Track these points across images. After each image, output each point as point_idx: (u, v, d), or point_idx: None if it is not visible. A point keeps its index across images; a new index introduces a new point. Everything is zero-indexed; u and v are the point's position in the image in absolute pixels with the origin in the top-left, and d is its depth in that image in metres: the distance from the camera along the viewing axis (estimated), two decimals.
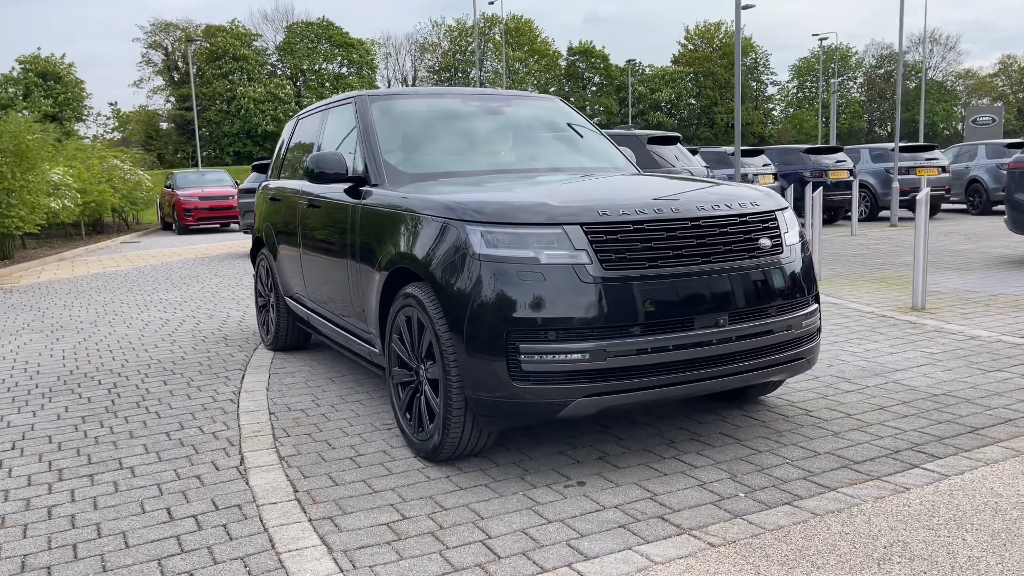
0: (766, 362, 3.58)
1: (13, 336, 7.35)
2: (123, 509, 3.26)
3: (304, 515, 3.13)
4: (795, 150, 17.43)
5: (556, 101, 5.37)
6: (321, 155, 4.38)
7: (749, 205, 3.66)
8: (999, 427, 3.87)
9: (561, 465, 3.59)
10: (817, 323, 3.88)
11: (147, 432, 4.27)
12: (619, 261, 3.27)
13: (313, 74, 63.68)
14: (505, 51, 63.40)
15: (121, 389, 5.22)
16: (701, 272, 3.39)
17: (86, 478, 3.64)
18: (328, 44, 63.97)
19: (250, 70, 60.87)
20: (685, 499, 3.18)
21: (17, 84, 60.22)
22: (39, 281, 12.03)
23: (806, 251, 3.92)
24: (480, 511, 3.13)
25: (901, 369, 4.99)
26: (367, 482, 3.46)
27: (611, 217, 3.31)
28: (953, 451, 3.58)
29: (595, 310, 3.21)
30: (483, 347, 3.23)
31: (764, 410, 4.29)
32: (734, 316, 3.45)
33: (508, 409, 3.26)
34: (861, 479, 3.31)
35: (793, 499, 3.14)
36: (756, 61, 79.01)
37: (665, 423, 4.12)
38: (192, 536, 2.98)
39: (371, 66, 65.94)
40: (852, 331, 6.16)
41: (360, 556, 2.78)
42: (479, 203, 3.43)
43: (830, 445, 3.72)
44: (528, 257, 3.23)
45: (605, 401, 3.26)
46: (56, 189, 17.32)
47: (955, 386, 4.58)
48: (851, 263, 10.47)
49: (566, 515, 3.06)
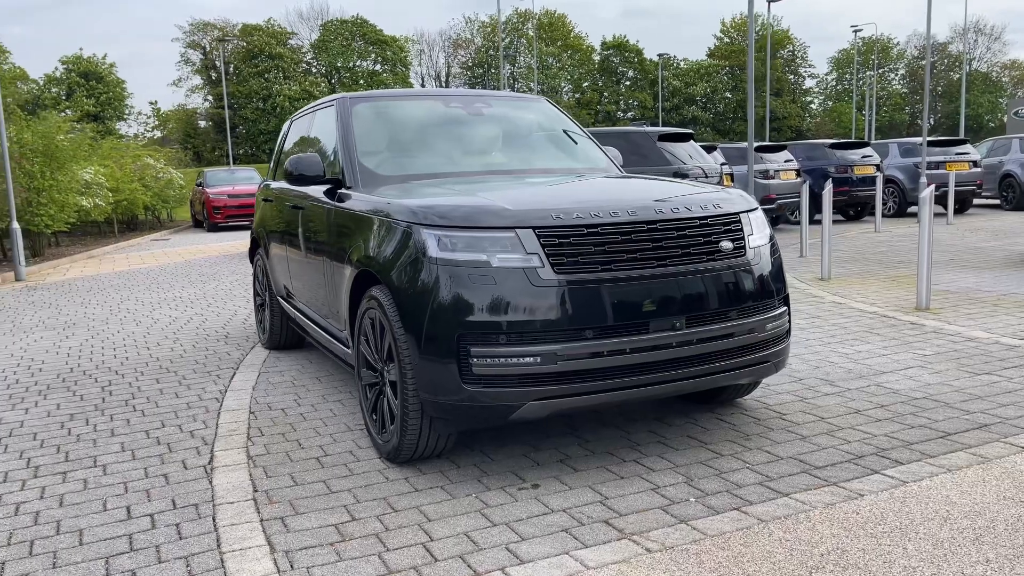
0: (727, 366, 3.55)
1: (26, 333, 7.56)
2: (86, 507, 3.35)
3: (257, 515, 3.19)
4: (820, 145, 17.17)
5: (542, 102, 5.37)
6: (298, 157, 4.44)
7: (712, 207, 3.63)
8: (972, 432, 3.80)
9: (520, 467, 3.60)
10: (785, 326, 3.84)
11: (128, 430, 4.37)
12: (571, 264, 3.27)
13: (347, 72, 64.16)
14: (536, 46, 63.30)
15: (114, 387, 5.34)
16: (657, 275, 3.37)
17: (59, 475, 3.74)
18: (362, 42, 64.42)
19: (285, 68, 61.54)
20: (634, 503, 3.17)
21: (60, 84, 61.59)
22: (64, 279, 12.33)
23: (775, 253, 3.87)
24: (429, 513, 3.15)
25: (888, 372, 4.91)
26: (327, 483, 3.51)
27: (564, 220, 3.31)
28: (918, 457, 3.52)
29: (546, 314, 3.22)
30: (436, 350, 3.26)
31: (737, 412, 4.26)
32: (692, 319, 3.43)
33: (460, 412, 3.29)
34: (817, 485, 3.28)
35: (743, 504, 3.12)
36: (793, 53, 77.85)
37: (634, 425, 4.11)
38: (144, 535, 3.06)
39: (404, 63, 66.26)
40: (849, 332, 6.07)
41: (300, 557, 2.82)
42: (434, 207, 3.46)
43: (795, 449, 3.69)
44: (480, 260, 3.25)
45: (556, 404, 3.27)
46: (88, 188, 17.72)
47: (938, 389, 4.50)
48: (868, 261, 10.30)
49: (512, 518, 3.08)
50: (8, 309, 9.27)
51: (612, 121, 69.81)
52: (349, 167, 4.37)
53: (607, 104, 71.99)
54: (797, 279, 8.92)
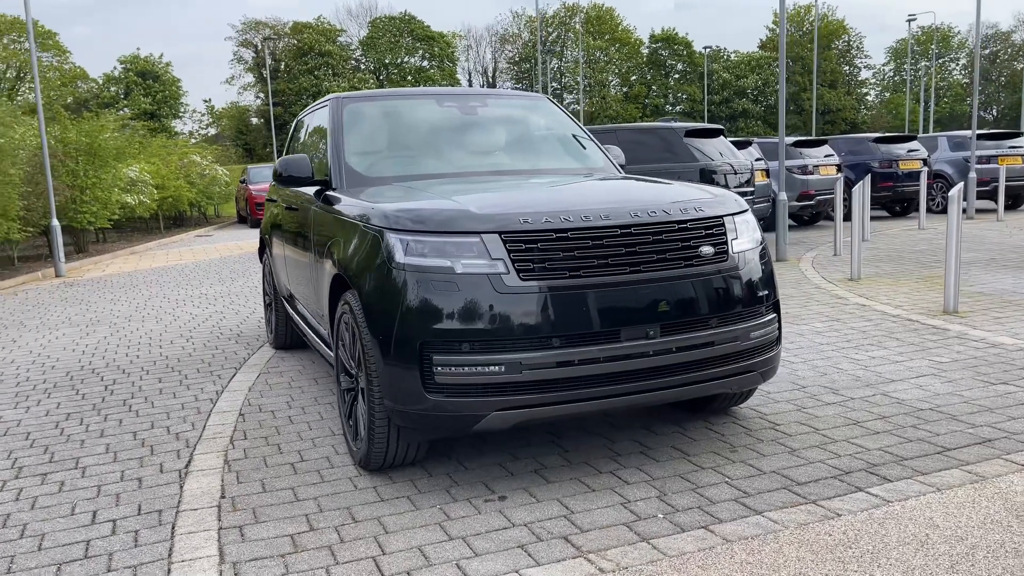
0: (708, 375, 3.41)
1: (50, 330, 7.72)
2: (56, 510, 3.36)
3: (217, 523, 3.16)
4: (864, 139, 16.65)
5: (542, 101, 5.25)
6: (287, 158, 4.42)
7: (693, 211, 3.48)
8: (972, 448, 3.59)
9: (493, 477, 3.51)
10: (774, 334, 3.67)
11: (118, 431, 4.40)
12: (538, 271, 3.17)
13: (395, 68, 64.60)
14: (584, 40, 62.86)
15: (117, 386, 5.40)
16: (629, 282, 3.25)
17: (39, 476, 3.77)
18: (410, 38, 64.78)
19: (335, 65, 62.24)
20: (599, 518, 3.06)
21: (119, 83, 63.21)
22: (102, 275, 12.60)
23: (764, 258, 3.71)
24: (388, 525, 3.09)
25: (898, 380, 4.69)
26: (295, 490, 3.47)
27: (532, 225, 3.21)
28: (909, 474, 3.34)
29: (510, 321, 3.12)
30: (399, 357, 3.19)
31: (729, 422, 4.10)
32: (668, 328, 3.30)
33: (424, 421, 3.21)
34: (795, 502, 3.12)
35: (712, 523, 2.99)
36: (849, 44, 75.99)
37: (619, 433, 3.98)
38: (102, 541, 3.05)
39: (452, 59, 66.45)
40: (866, 336, 5.84)
41: (247, 569, 2.78)
42: (403, 211, 3.38)
43: (780, 463, 3.53)
44: (444, 266, 3.17)
45: (522, 415, 3.17)
46: (133, 185, 18.12)
47: (947, 400, 4.28)
48: (904, 260, 9.94)
49: (471, 532, 2.99)
50: (41, 305, 9.50)
51: (660, 115, 69.03)
52: (336, 168, 4.33)
53: (655, 98, 71.22)
54: (825, 279, 8.64)
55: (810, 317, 6.63)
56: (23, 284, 11.71)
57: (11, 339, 7.33)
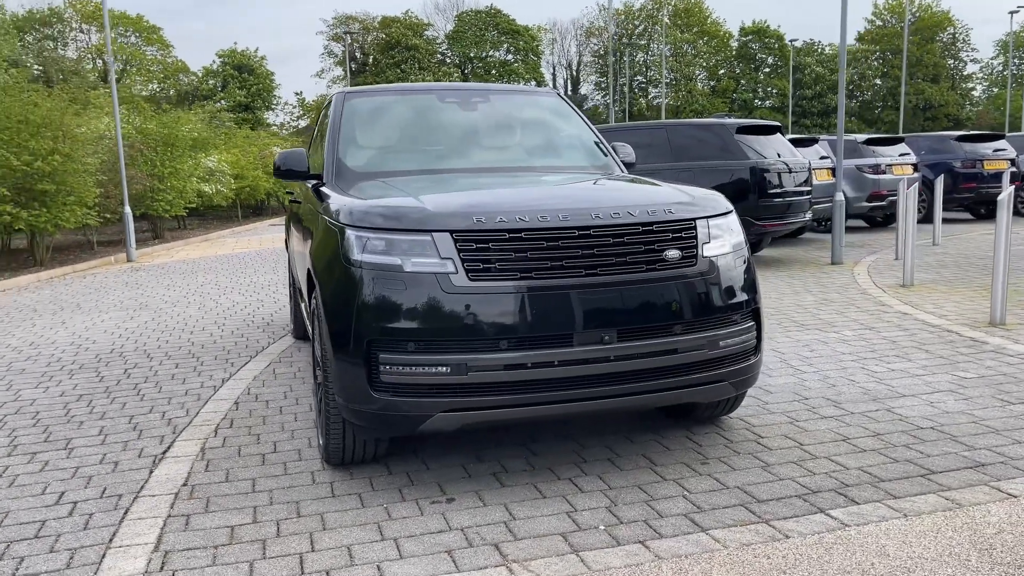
0: (670, 384, 3.28)
1: (100, 313, 8.07)
2: (29, 489, 3.50)
3: (169, 511, 3.22)
4: (946, 137, 15.80)
5: (550, 96, 5.15)
6: (285, 152, 4.47)
7: (661, 213, 3.36)
8: (960, 472, 3.35)
9: (450, 479, 3.47)
10: (750, 343, 3.51)
11: (117, 414, 4.55)
12: (488, 271, 3.11)
13: (480, 61, 64.93)
14: (670, 33, 61.79)
15: (136, 370, 5.59)
16: (585, 285, 3.15)
17: (29, 456, 3.93)
18: (495, 32, 64.98)
19: (420, 59, 62.95)
20: (538, 527, 2.99)
21: (216, 76, 65.65)
22: (168, 261, 13.12)
23: (742, 262, 3.54)
24: (328, 521, 3.09)
25: (910, 395, 4.42)
26: (255, 481, 3.51)
27: (485, 225, 3.15)
28: (881, 497, 3.14)
29: (457, 322, 3.08)
30: (348, 355, 3.18)
31: (712, 432, 3.95)
32: (625, 333, 3.19)
33: (372, 420, 3.19)
34: (748, 521, 2.98)
35: (651, 538, 2.88)
36: (954, 37, 72.31)
37: (594, 438, 3.88)
38: (56, 522, 3.15)
39: (536, 52, 66.33)
40: (896, 347, 5.54)
41: (175, 559, 2.82)
42: (362, 208, 3.37)
43: (747, 478, 3.37)
44: (393, 264, 3.14)
45: (468, 417, 3.13)
46: (211, 175, 18.80)
47: (953, 419, 4.01)
48: (970, 266, 9.39)
49: (405, 534, 2.97)
50: (102, 289, 9.95)
51: (748, 110, 67.34)
52: (328, 163, 4.36)
53: (743, 92, 69.46)
54: (875, 284, 8.25)
55: (843, 324, 6.33)
56: (95, 268, 12.29)
57: (61, 321, 7.70)
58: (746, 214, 9.39)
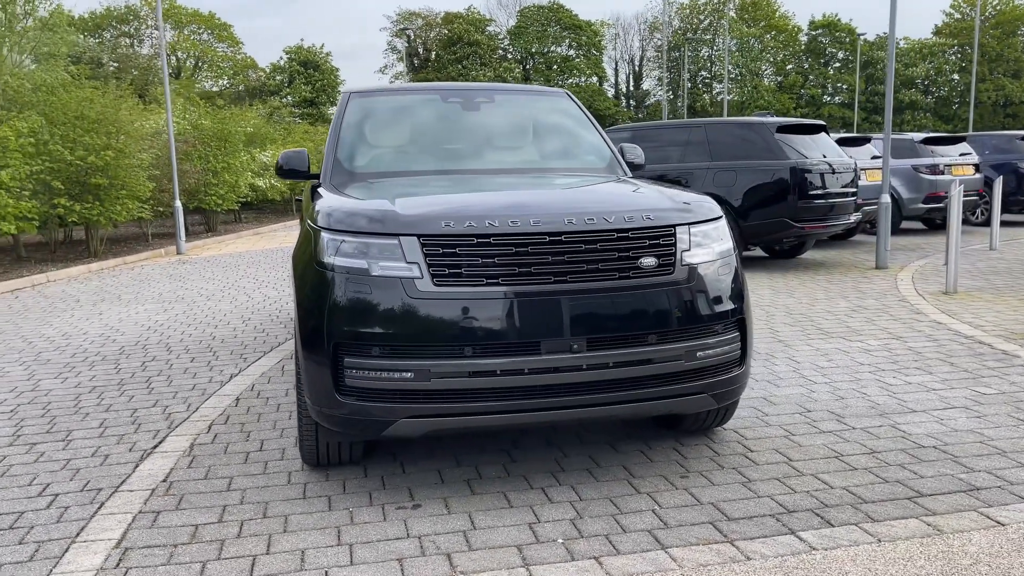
0: (643, 395, 3.19)
1: (137, 304, 8.30)
2: (18, 480, 3.60)
3: (142, 507, 3.27)
4: (1013, 137, 15.10)
5: (559, 97, 5.05)
6: (288, 152, 4.51)
7: (640, 219, 3.26)
8: (952, 496, 3.17)
9: (422, 484, 3.45)
10: (733, 354, 3.39)
11: (122, 407, 4.66)
12: (454, 276, 3.07)
13: (542, 57, 64.81)
14: (737, 27, 60.66)
15: (153, 363, 5.72)
16: (554, 292, 3.08)
17: (28, 446, 4.05)
18: (557, 26, 64.76)
19: (482, 55, 63.17)
20: (496, 537, 2.94)
21: (283, 72, 67.02)
22: (216, 254, 13.42)
23: (727, 271, 3.43)
24: (291, 523, 3.09)
25: (920, 411, 4.23)
26: (232, 479, 3.54)
27: (453, 229, 3.11)
28: (859, 519, 3.00)
29: (421, 327, 3.05)
30: (316, 358, 3.18)
31: (702, 443, 3.83)
32: (594, 342, 3.11)
33: (338, 423, 3.19)
34: (711, 540, 2.87)
35: (607, 553, 2.80)
36: None
37: (578, 447, 3.81)
38: (32, 514, 3.23)
39: (598, 47, 65.90)
40: (918, 358, 5.30)
41: (133, 556, 2.86)
42: (337, 211, 3.37)
43: (724, 494, 3.26)
44: (361, 268, 3.13)
45: (431, 424, 3.09)
46: (266, 170, 19.19)
47: (960, 438, 3.81)
48: (1020, 274, 8.96)
49: (362, 540, 2.95)
50: (146, 280, 10.23)
51: (816, 106, 65.67)
52: (327, 162, 4.37)
53: (811, 88, 67.75)
54: (917, 291, 7.93)
55: (870, 333, 6.10)
56: (145, 260, 12.67)
57: (99, 312, 7.95)
58: (785, 215, 9.15)
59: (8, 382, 5.29)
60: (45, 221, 11.72)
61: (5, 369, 5.64)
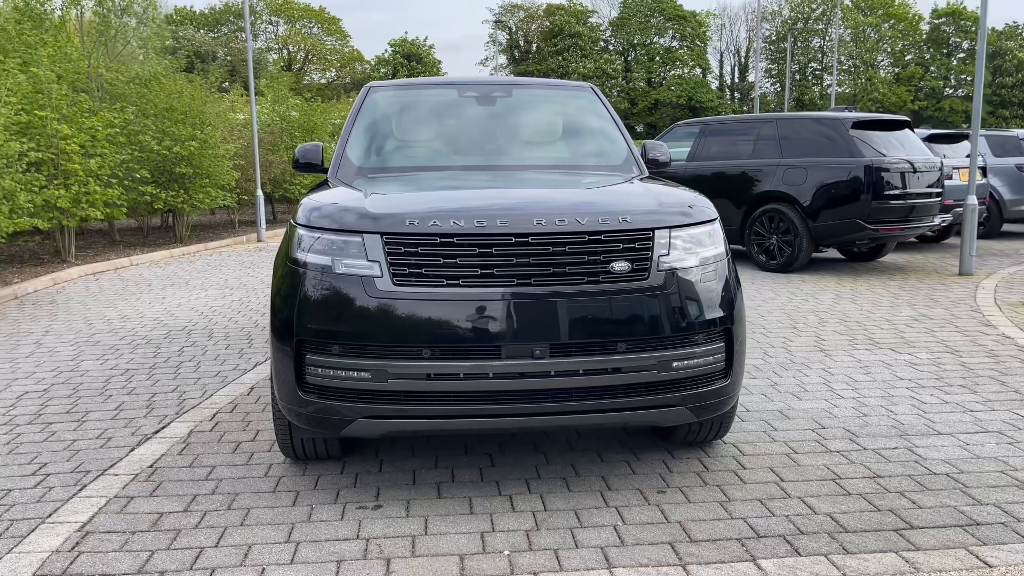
0: (612, 405, 3.05)
1: (201, 290, 8.61)
2: (21, 457, 3.77)
3: (119, 491, 3.36)
4: None
5: (580, 91, 4.89)
6: (306, 145, 4.55)
7: (615, 221, 3.12)
8: (947, 530, 2.90)
9: (393, 483, 3.41)
10: (715, 365, 3.20)
11: (144, 391, 4.82)
12: (413, 276, 3.01)
13: (643, 48, 63.85)
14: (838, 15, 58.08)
15: (191, 348, 5.91)
16: (516, 295, 2.98)
17: (44, 425, 4.23)
18: (661, 17, 63.64)
19: (583, 46, 62.76)
20: (443, 545, 2.87)
21: (387, 65, 68.48)
22: None
23: (712, 277, 3.23)
24: (251, 518, 3.11)
25: (945, 433, 3.90)
26: (214, 469, 3.60)
27: (416, 228, 3.05)
28: (832, 550, 2.78)
29: (379, 327, 3.00)
30: (281, 354, 3.18)
31: (694, 457, 3.65)
32: (559, 348, 2.99)
33: (301, 419, 3.18)
34: (666, 562, 2.72)
35: (550, 570, 2.69)
36: None
37: (563, 453, 3.69)
38: (20, 492, 3.37)
39: (703, 39, 64.38)
40: (968, 375, 4.91)
41: (90, 540, 2.93)
42: (308, 206, 3.36)
43: (696, 513, 3.09)
44: (326, 265, 3.11)
45: (388, 425, 3.05)
46: None
47: (980, 466, 3.49)
48: None
49: (310, 538, 2.94)
50: (218, 267, 10.61)
51: (936, 99, 62.21)
52: (336, 157, 4.39)
53: (931, 79, 64.16)
54: (995, 301, 7.37)
55: (924, 345, 5.69)
56: (226, 247, 13.14)
57: (162, 296, 8.28)
58: (858, 216, 8.68)
59: (54, 361, 5.57)
60: (134, 208, 12.31)
61: (56, 349, 5.94)
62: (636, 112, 61.10)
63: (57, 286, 9.04)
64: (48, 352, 5.83)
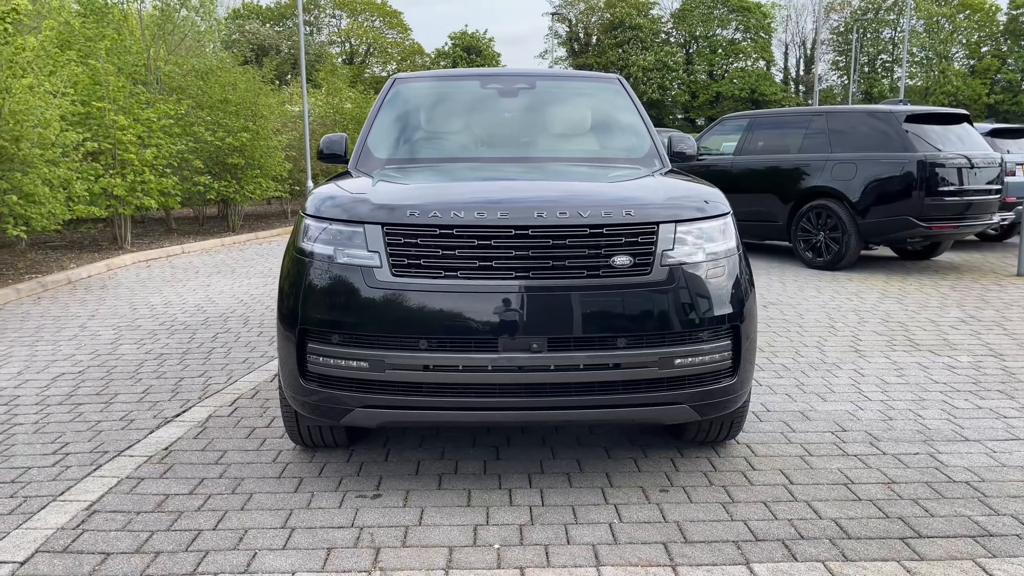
0: (611, 401, 3.00)
1: (244, 278, 8.79)
2: (44, 436, 3.89)
3: (131, 472, 3.44)
4: None
5: (605, 83, 4.80)
6: (330, 136, 4.59)
7: (618, 215, 3.06)
8: (955, 540, 2.78)
9: (397, 474, 3.42)
10: (721, 363, 3.12)
11: (173, 375, 4.93)
12: (412, 267, 3.01)
13: (706, 40, 62.84)
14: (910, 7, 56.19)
15: (225, 335, 6.03)
16: (515, 288, 2.96)
17: (73, 406, 4.37)
18: (724, 9, 62.51)
19: (643, 39, 62.06)
20: (434, 536, 2.87)
21: (447, 58, 68.82)
22: None
23: (720, 273, 3.14)
24: (251, 503, 3.15)
25: (974, 440, 3.75)
26: (226, 453, 3.67)
27: (417, 219, 3.04)
28: (831, 556, 2.69)
29: (377, 318, 3.01)
30: (286, 342, 3.22)
31: (704, 456, 3.58)
32: (556, 342, 2.96)
33: (303, 407, 3.21)
34: (653, 563, 2.67)
35: (537, 565, 2.67)
36: None
37: (570, 449, 3.65)
38: (39, 469, 3.48)
39: (767, 30, 62.99)
40: (1008, 381, 4.71)
41: (95, 519, 3.01)
42: (316, 196, 3.39)
43: (697, 514, 3.02)
44: (328, 255, 3.13)
45: (385, 415, 3.06)
46: None
47: (1006, 475, 3.34)
48: None
49: (305, 525, 2.97)
50: (264, 256, 10.82)
51: (1014, 92, 59.79)
52: (357, 148, 4.42)
53: (1009, 72, 61.65)
54: None
55: (966, 348, 5.47)
56: (275, 236, 13.39)
57: (207, 283, 8.48)
58: (909, 214, 8.39)
59: (94, 344, 5.75)
60: (189, 197, 12.63)
61: (98, 332, 6.13)
62: (697, 105, 60.25)
63: (110, 272, 9.33)
64: (90, 335, 6.02)
